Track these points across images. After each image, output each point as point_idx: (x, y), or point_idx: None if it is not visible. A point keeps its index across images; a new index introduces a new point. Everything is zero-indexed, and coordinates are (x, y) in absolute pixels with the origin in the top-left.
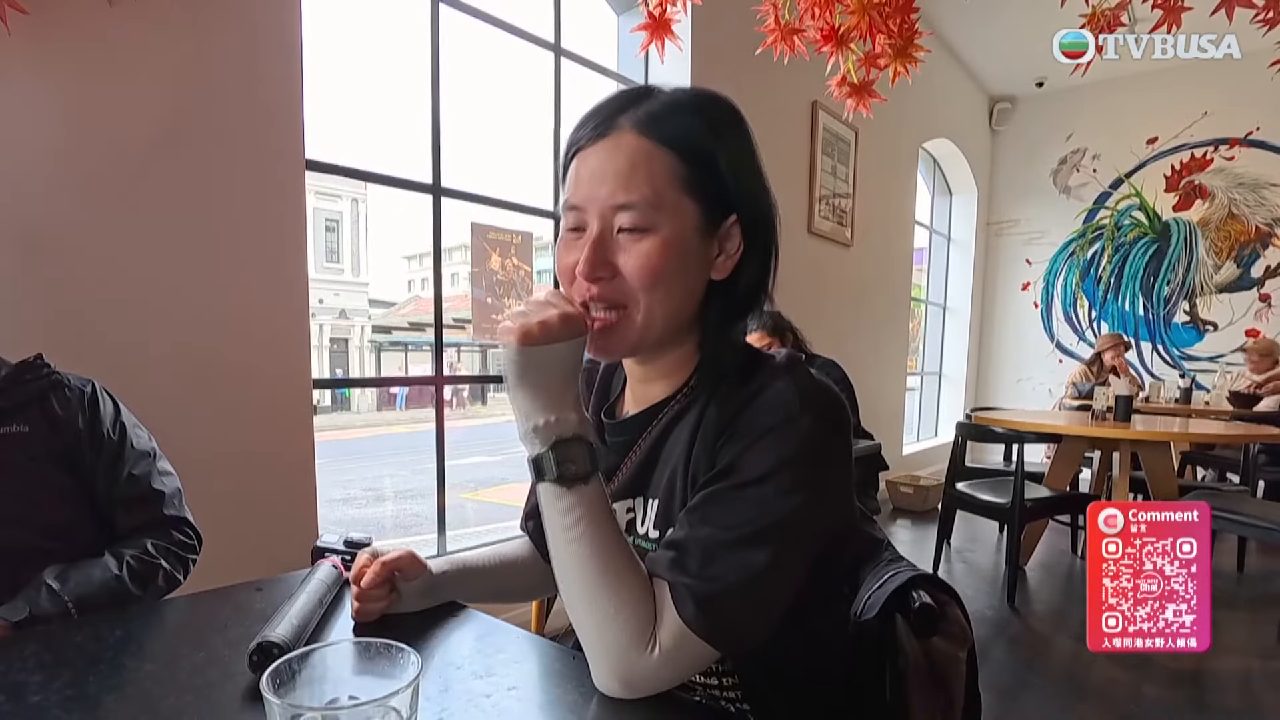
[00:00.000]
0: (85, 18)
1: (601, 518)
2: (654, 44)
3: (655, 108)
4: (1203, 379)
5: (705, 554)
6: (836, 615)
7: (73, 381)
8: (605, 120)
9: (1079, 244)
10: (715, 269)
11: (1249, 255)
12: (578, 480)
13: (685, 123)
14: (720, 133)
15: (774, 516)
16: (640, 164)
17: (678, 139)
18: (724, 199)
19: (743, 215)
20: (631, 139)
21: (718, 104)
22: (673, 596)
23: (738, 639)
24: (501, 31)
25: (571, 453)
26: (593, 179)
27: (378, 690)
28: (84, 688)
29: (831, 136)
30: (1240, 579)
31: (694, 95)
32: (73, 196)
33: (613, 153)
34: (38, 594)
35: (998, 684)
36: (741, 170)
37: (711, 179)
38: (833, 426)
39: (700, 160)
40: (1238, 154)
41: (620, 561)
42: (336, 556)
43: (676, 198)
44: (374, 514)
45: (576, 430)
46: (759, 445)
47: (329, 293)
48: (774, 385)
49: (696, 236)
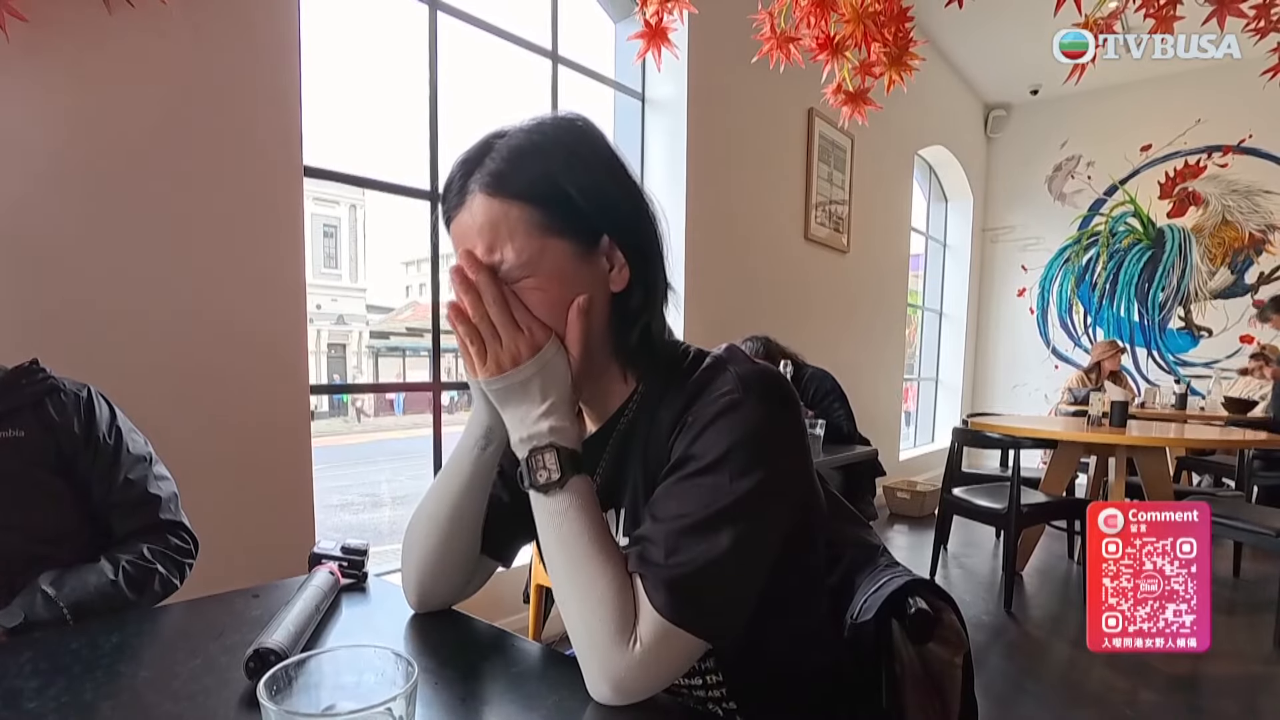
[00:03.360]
0: (84, 25)
1: (580, 520)
2: (650, 52)
3: (498, 164)
4: (1198, 385)
5: (669, 542)
6: (819, 611)
7: (68, 386)
8: (459, 188)
9: (1074, 250)
10: (612, 283)
11: (1243, 261)
12: (550, 486)
13: (529, 171)
14: (568, 165)
15: (731, 497)
16: (499, 224)
17: (524, 190)
18: (589, 224)
19: (612, 229)
20: (484, 202)
21: (559, 132)
22: (645, 588)
23: (713, 623)
24: (499, 39)
25: (542, 460)
26: (464, 240)
27: (374, 697)
28: (80, 694)
29: (827, 143)
30: (1236, 584)
31: (533, 133)
32: (71, 202)
33: (473, 218)
34: (33, 600)
35: (994, 689)
36: (593, 192)
37: (568, 212)
38: (777, 404)
39: (551, 200)
40: (1231, 161)
41: (599, 561)
42: (333, 563)
43: (541, 242)
44: (370, 519)
45: (550, 439)
46: (707, 433)
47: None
48: (715, 376)
49: (579, 265)
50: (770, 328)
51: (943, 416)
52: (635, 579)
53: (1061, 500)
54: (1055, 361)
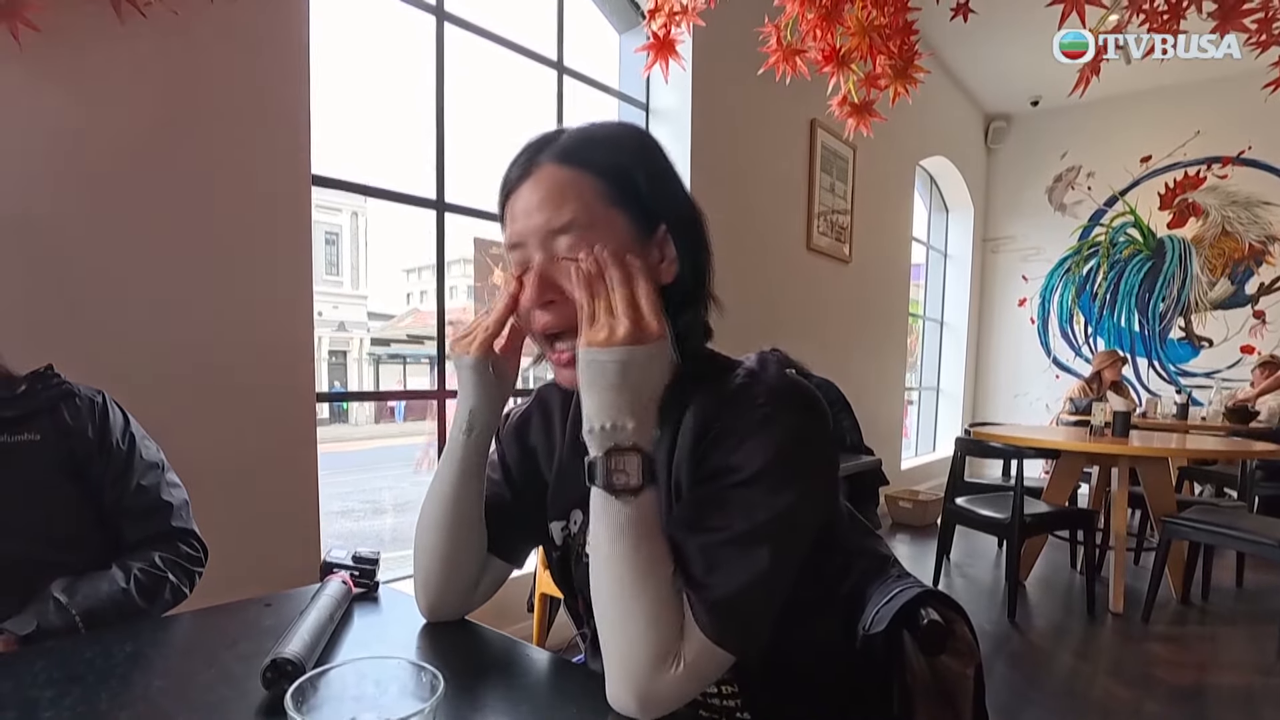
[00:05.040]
0: (96, 34)
1: (646, 534)
2: (658, 64)
3: (569, 141)
4: (1198, 395)
5: (707, 559)
6: (832, 618)
7: (83, 392)
8: (528, 160)
9: (1074, 260)
10: (661, 274)
11: (1243, 272)
12: (626, 491)
13: (598, 148)
14: (632, 152)
15: (768, 513)
16: (567, 188)
17: (594, 162)
18: (650, 209)
19: (670, 221)
20: (553, 170)
21: (627, 131)
22: (689, 606)
23: (751, 641)
24: (505, 49)
25: (624, 462)
26: (526, 213)
27: (397, 709)
28: (95, 704)
29: (830, 154)
30: (1238, 594)
31: (603, 127)
32: (83, 210)
33: (539, 185)
34: (45, 607)
35: (999, 699)
36: (658, 181)
37: (633, 192)
38: (810, 418)
39: (619, 176)
40: (1230, 172)
41: (654, 581)
42: (345, 572)
43: (605, 211)
44: (372, 526)
45: (634, 440)
46: (744, 446)
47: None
48: (749, 386)
49: (634, 245)
50: (773, 337)
51: (944, 426)
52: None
53: (1064, 510)
54: (1056, 371)
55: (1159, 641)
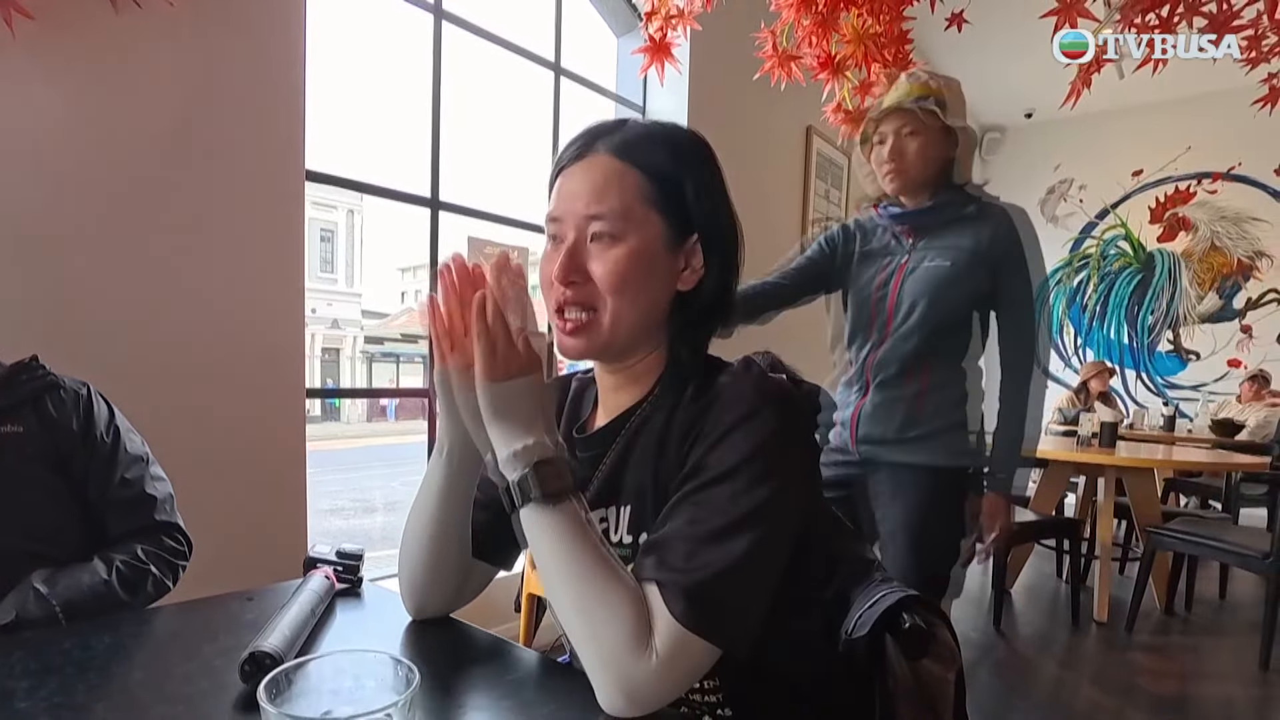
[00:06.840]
0: (91, 25)
1: (585, 532)
2: (654, 66)
3: (630, 135)
4: (1185, 407)
5: (687, 549)
6: (814, 618)
7: (68, 384)
8: (585, 144)
9: (1065, 272)
10: (681, 281)
11: (1231, 287)
12: (562, 496)
13: (656, 149)
14: (688, 161)
15: (747, 507)
16: (613, 180)
17: (647, 161)
18: (688, 218)
19: (705, 235)
20: (606, 160)
21: (689, 138)
22: (662, 596)
23: (731, 631)
24: (503, 50)
25: (553, 470)
26: (571, 194)
27: (373, 702)
28: (73, 695)
29: (825, 161)
30: (1222, 606)
31: (667, 128)
32: (73, 201)
33: (589, 171)
34: (25, 598)
35: (983, 707)
36: (705, 194)
37: (677, 199)
38: (790, 416)
39: (667, 181)
40: (1220, 188)
41: (607, 572)
42: (328, 567)
43: (644, 211)
44: (361, 525)
45: (554, 452)
46: (725, 442)
47: (322, 302)
48: (730, 386)
49: (662, 249)
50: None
51: None
52: (650, 587)
53: (1051, 519)
54: (1045, 381)
55: (1142, 651)
